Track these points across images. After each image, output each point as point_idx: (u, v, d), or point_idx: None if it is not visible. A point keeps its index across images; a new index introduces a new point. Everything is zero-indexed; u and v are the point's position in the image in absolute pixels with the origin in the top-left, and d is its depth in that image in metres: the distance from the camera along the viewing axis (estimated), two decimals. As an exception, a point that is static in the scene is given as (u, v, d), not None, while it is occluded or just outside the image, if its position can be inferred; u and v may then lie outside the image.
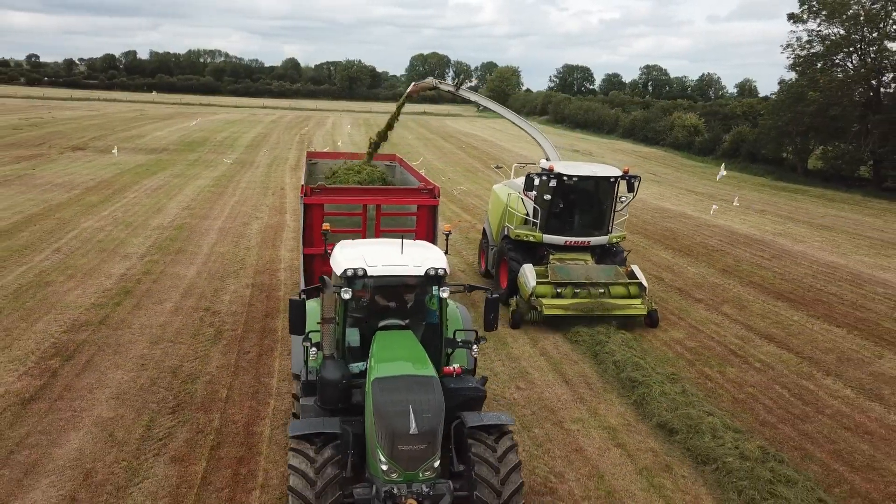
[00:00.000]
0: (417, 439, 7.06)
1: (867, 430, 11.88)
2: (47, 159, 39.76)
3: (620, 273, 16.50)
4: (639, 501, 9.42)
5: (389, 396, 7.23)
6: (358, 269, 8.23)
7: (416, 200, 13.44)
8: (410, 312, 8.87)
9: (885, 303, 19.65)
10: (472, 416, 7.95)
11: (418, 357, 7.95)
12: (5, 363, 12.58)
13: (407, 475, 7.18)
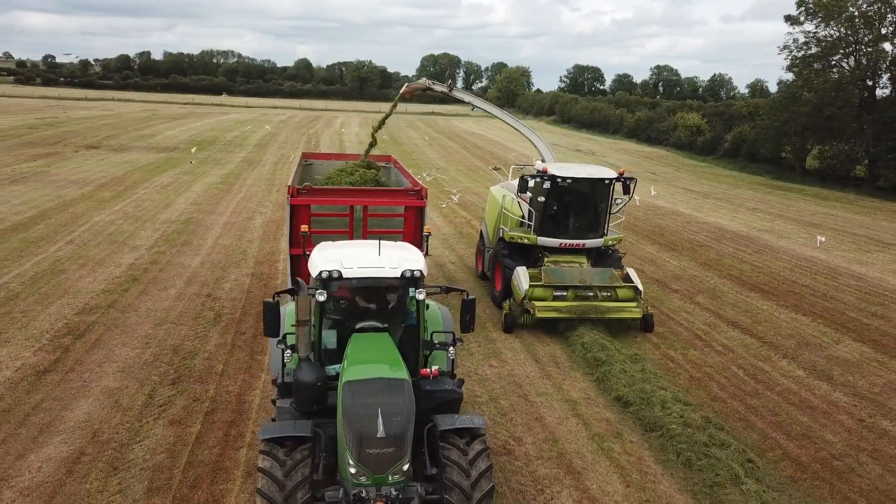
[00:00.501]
0: (385, 442, 7.07)
1: (810, 406, 12.88)
2: (62, 157, 41.17)
3: (615, 276, 16.26)
4: (587, 461, 10.48)
5: (359, 399, 7.24)
6: (333, 271, 8.22)
7: (404, 202, 13.33)
8: (389, 314, 8.87)
9: (855, 294, 20.57)
10: (445, 419, 7.91)
11: (391, 360, 7.93)
12: (23, 340, 13.79)
13: (375, 478, 7.20)
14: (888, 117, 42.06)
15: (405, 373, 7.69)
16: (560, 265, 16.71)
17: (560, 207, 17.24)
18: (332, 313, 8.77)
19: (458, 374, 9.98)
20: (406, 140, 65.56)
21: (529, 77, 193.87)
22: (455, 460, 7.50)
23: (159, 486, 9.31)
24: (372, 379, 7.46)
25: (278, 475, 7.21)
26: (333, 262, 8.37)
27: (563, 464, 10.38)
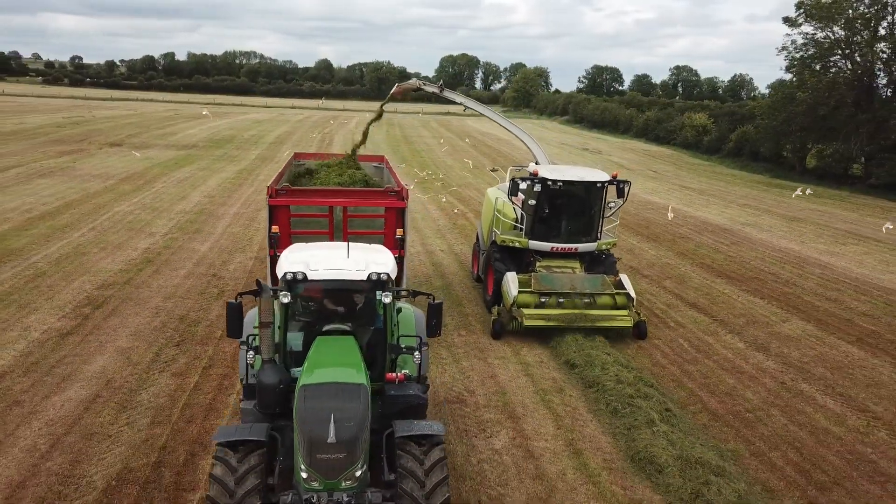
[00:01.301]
0: (336, 448, 7.01)
1: (740, 371, 14.42)
2: (87, 154, 43.46)
3: (607, 283, 15.91)
4: (528, 410, 12.15)
5: (312, 404, 7.19)
6: (297, 272, 8.17)
7: (384, 203, 13.17)
8: (357, 317, 8.81)
9: (815, 280, 21.98)
10: (403, 425, 7.81)
11: (351, 364, 7.84)
12: (49, 309, 15.72)
13: (327, 484, 7.13)
14: (882, 117, 43.09)
15: (364, 377, 7.61)
16: (552, 270, 16.43)
17: (552, 211, 16.94)
18: (301, 315, 8.76)
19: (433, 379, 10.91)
20: (417, 139, 67.35)
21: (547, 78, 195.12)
22: (410, 469, 7.40)
23: (160, 420, 11.13)
24: (328, 383, 7.40)
25: (229, 481, 7.15)
26: (299, 264, 8.34)
27: (507, 411, 12.06)
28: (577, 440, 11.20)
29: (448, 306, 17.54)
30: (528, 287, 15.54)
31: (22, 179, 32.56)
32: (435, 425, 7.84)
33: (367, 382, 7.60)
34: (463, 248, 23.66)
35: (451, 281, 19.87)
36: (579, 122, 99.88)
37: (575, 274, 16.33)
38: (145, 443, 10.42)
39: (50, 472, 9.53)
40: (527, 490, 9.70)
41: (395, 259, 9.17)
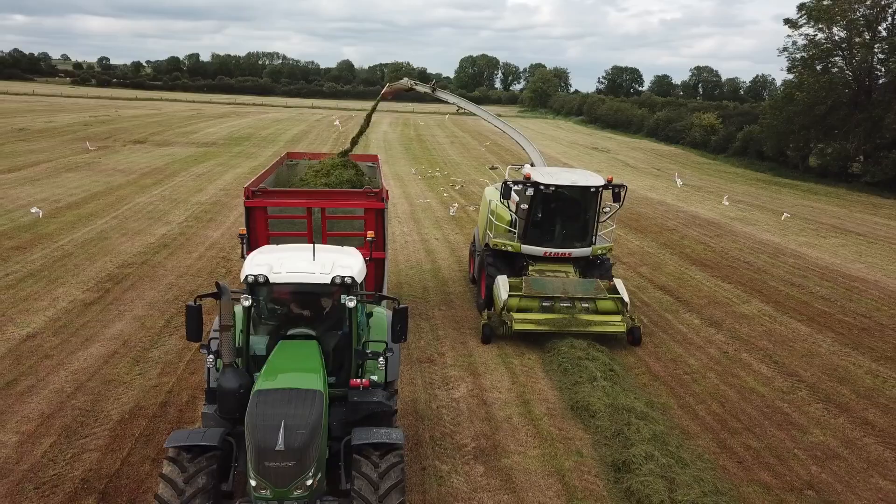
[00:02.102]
0: (284, 456, 6.86)
1: (690, 342, 15.95)
2: (112, 150, 45.75)
3: (601, 287, 15.56)
4: (489, 368, 13.80)
5: (263, 409, 7.05)
6: (259, 275, 8.02)
7: (363, 204, 12.85)
8: (324, 321, 8.62)
9: (785, 268, 23.36)
10: (361, 433, 7.68)
11: (310, 369, 7.71)
12: (74, 283, 17.65)
13: (277, 492, 6.98)
14: (877, 116, 44.10)
15: (320, 383, 7.47)
16: (545, 274, 16.21)
17: (545, 215, 16.70)
18: (267, 319, 8.67)
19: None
20: (430, 137, 69.12)
21: (567, 78, 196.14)
22: (365, 472, 7.28)
23: (168, 371, 12.95)
24: (281, 389, 7.27)
25: (178, 482, 7.06)
26: (262, 267, 8.20)
27: (470, 369, 13.73)
28: (527, 393, 12.84)
29: (435, 284, 19.26)
30: (518, 291, 15.22)
31: (51, 173, 34.78)
32: (394, 433, 7.68)
33: (324, 388, 7.47)
34: (457, 238, 25.32)
35: (440, 265, 21.57)
36: (594, 122, 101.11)
37: (568, 278, 16.08)
38: (154, 388, 12.23)
39: (74, 407, 11.37)
40: (475, 429, 11.36)
41: (364, 261, 9.08)
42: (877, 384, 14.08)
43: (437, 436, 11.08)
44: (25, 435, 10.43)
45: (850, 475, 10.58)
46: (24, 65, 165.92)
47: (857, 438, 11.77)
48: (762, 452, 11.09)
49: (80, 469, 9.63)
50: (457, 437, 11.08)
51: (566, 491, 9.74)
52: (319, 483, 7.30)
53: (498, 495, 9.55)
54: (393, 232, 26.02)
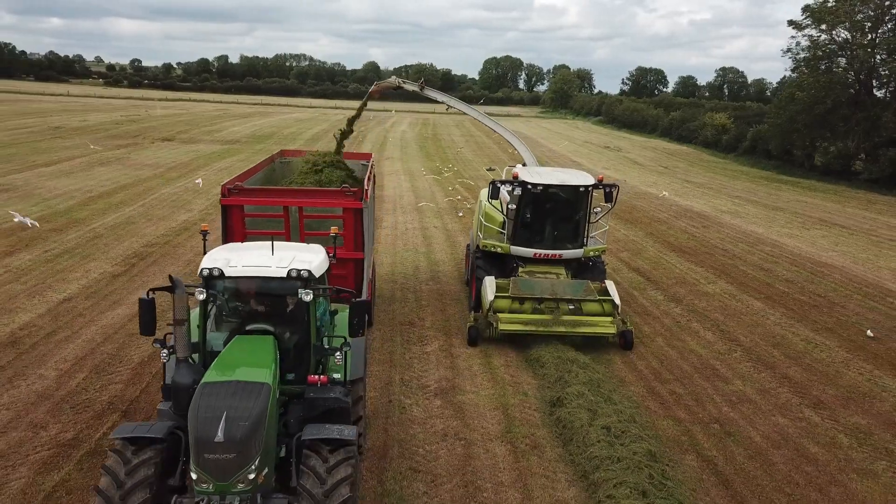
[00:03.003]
0: (224, 448, 6.77)
1: (647, 313, 17.72)
2: (141, 147, 48.41)
3: (590, 289, 15.20)
4: (461, 330, 15.65)
5: (207, 401, 7.02)
6: (214, 269, 8.05)
7: (341, 203, 12.66)
8: (284, 318, 8.53)
9: (759, 255, 24.95)
10: (312, 429, 7.59)
11: (260, 363, 7.70)
12: (104, 259, 19.91)
13: (218, 486, 6.88)
14: (875, 115, 45.22)
15: (269, 377, 7.44)
16: (535, 276, 15.97)
17: (535, 216, 16.45)
18: (229, 315, 8.61)
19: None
20: (446, 136, 71.16)
21: (591, 79, 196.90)
22: (312, 466, 7.18)
23: (182, 328, 15.08)
24: (227, 382, 7.25)
25: (120, 474, 6.97)
26: (219, 261, 8.23)
27: (444, 330, 15.67)
28: (490, 349, 14.73)
29: (426, 264, 21.25)
30: (505, 292, 14.95)
31: (84, 167, 37.36)
32: (346, 430, 7.56)
33: (273, 383, 7.44)
34: (454, 226, 27.27)
35: (434, 248, 23.56)
36: (611, 123, 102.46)
37: (557, 279, 15.85)
38: (170, 340, 14.36)
39: (102, 353, 13.53)
40: (439, 375, 13.30)
41: (327, 258, 9.15)
42: (808, 349, 15.77)
43: (405, 378, 13.06)
44: (63, 371, 12.60)
45: (756, 415, 12.35)
46: (60, 67, 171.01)
47: (772, 388, 13.52)
48: (684, 397, 12.89)
49: (106, 395, 11.77)
50: (422, 380, 13.03)
51: (507, 420, 11.65)
52: (266, 478, 7.19)
53: (448, 421, 11.48)
54: (396, 220, 28.10)
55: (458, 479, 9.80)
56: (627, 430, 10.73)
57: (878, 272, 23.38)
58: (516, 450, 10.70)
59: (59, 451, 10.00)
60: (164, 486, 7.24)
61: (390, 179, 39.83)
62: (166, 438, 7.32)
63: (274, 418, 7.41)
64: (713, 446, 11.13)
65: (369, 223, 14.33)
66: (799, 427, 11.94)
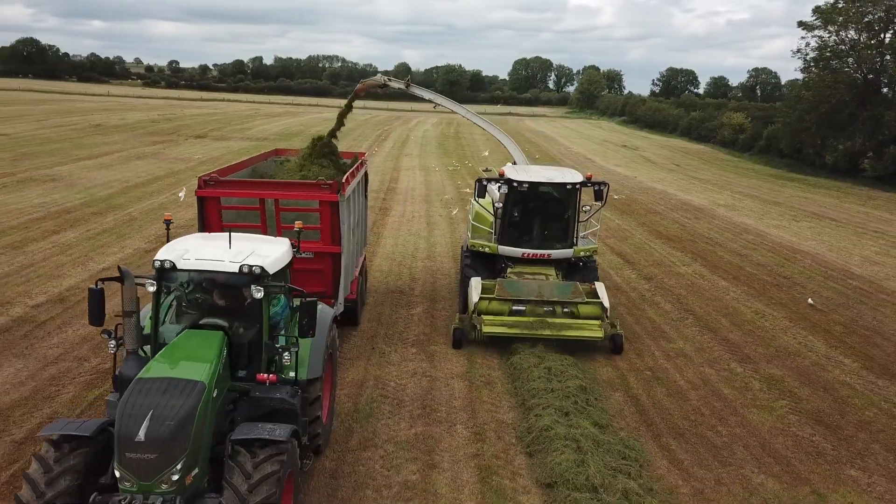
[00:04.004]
0: (146, 447, 6.71)
1: (618, 288, 19.66)
2: (174, 144, 51.42)
3: (579, 291, 14.82)
4: (446, 297, 17.83)
5: (135, 399, 6.98)
6: (165, 261, 8.00)
7: (317, 196, 12.43)
8: (241, 313, 8.45)
9: (741, 243, 26.69)
10: (244, 428, 7.51)
11: (200, 359, 7.60)
12: (139, 237, 22.50)
13: (141, 485, 6.82)
14: (878, 114, 46.33)
15: (205, 375, 7.36)
16: (524, 277, 15.65)
17: (523, 215, 16.31)
18: (188, 308, 8.58)
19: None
20: (467, 135, 73.24)
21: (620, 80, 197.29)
22: (239, 462, 7.12)
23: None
24: (160, 378, 7.22)
25: (47, 469, 6.93)
26: (174, 253, 8.20)
27: (431, 297, 17.84)
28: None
29: (425, 246, 23.46)
30: (491, 293, 14.71)
31: (122, 161, 40.30)
32: (279, 430, 7.43)
33: (210, 380, 7.37)
34: (459, 214, 29.41)
35: (434, 233, 25.78)
36: (634, 123, 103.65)
37: (545, 281, 15.51)
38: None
39: (135, 309, 15.96)
40: (419, 331, 15.46)
41: (289, 252, 9.21)
42: (754, 318, 17.64)
43: (389, 333, 15.27)
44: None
45: (686, 366, 14.31)
46: (100, 68, 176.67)
47: (709, 347, 15.46)
48: (628, 352, 14.83)
49: (137, 339, 14.17)
50: (403, 335, 15.22)
51: (469, 364, 13.78)
52: (196, 479, 7.16)
53: (419, 364, 13.66)
54: (405, 209, 30.37)
55: (419, 403, 11.98)
56: (566, 371, 12.81)
57: (849, 258, 24.99)
58: (472, 385, 12.84)
59: (98, 375, 12.41)
60: (96, 483, 7.13)
61: (406, 174, 42.14)
62: (95, 437, 7.17)
63: (209, 417, 7.34)
64: (640, 387, 13.14)
65: (355, 219, 14.41)
66: (720, 375, 13.90)
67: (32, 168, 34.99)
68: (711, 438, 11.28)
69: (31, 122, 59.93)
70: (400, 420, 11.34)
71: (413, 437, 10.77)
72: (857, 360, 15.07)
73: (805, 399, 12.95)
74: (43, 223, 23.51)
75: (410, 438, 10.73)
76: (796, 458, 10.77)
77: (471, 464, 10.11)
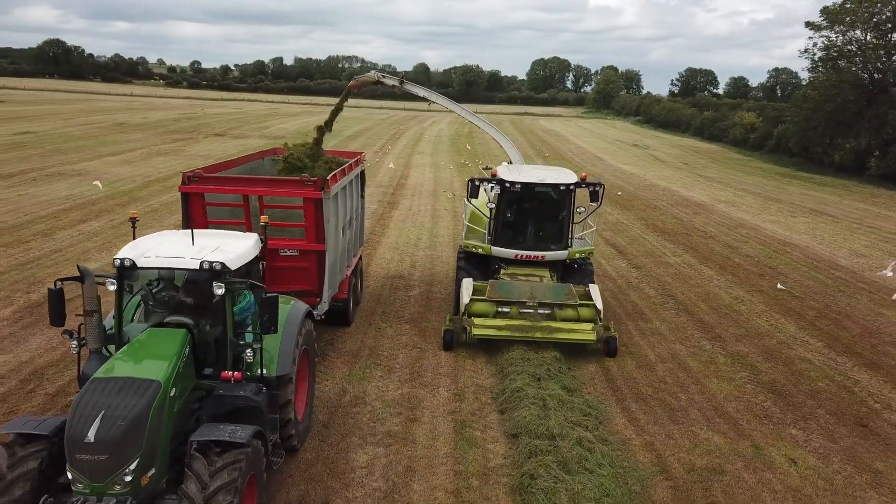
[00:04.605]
0: (95, 448, 6.63)
1: (606, 275, 20.80)
2: (194, 141, 53.16)
3: (572, 293, 14.58)
4: (443, 283, 19.08)
5: (88, 398, 6.92)
6: (125, 259, 7.94)
7: (301, 193, 12.28)
8: (205, 309, 8.39)
9: (733, 236, 27.68)
10: (205, 429, 7.43)
11: (159, 357, 7.54)
12: (159, 226, 23.77)
13: (93, 487, 6.76)
14: (883, 113, 46.95)
15: (162, 374, 7.30)
16: (517, 278, 15.44)
17: (517, 215, 16.23)
18: (155, 306, 8.51)
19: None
20: (479, 134, 74.35)
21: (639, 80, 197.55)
22: (196, 470, 7.00)
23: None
24: (115, 378, 7.15)
25: (3, 467, 6.88)
26: (136, 250, 8.15)
27: (428, 282, 19.10)
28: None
29: (427, 236, 24.73)
30: (482, 295, 14.53)
31: (144, 157, 42.02)
32: (241, 431, 7.33)
33: (167, 379, 7.30)
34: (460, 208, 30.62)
35: (438, 224, 27.08)
36: (649, 122, 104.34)
37: (538, 283, 15.29)
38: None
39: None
40: (414, 309, 16.72)
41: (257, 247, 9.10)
42: (732, 303, 18.71)
43: (387, 311, 16.56)
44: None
45: (659, 342, 15.43)
46: (124, 69, 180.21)
47: (683, 327, 16.57)
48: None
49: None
50: (400, 314, 16.50)
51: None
52: (153, 480, 7.10)
53: (412, 338, 14.91)
54: (412, 203, 31.70)
55: (408, 370, 13.25)
56: (544, 345, 13.99)
57: (837, 251, 25.92)
58: (458, 356, 14.07)
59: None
60: (54, 483, 7.08)
61: (416, 171, 43.51)
62: (54, 435, 7.11)
63: (167, 416, 7.27)
64: (612, 360, 14.29)
65: (347, 218, 14.50)
66: (689, 351, 15.03)
67: (60, 163, 36.77)
68: (670, 402, 12.43)
69: (59, 120, 62.08)
70: (389, 383, 12.62)
71: (399, 397, 12.04)
72: (822, 341, 16.12)
73: (764, 372, 14.06)
74: (70, 213, 25.12)
75: (397, 398, 12.01)
76: (744, 420, 11.90)
77: (448, 419, 11.36)
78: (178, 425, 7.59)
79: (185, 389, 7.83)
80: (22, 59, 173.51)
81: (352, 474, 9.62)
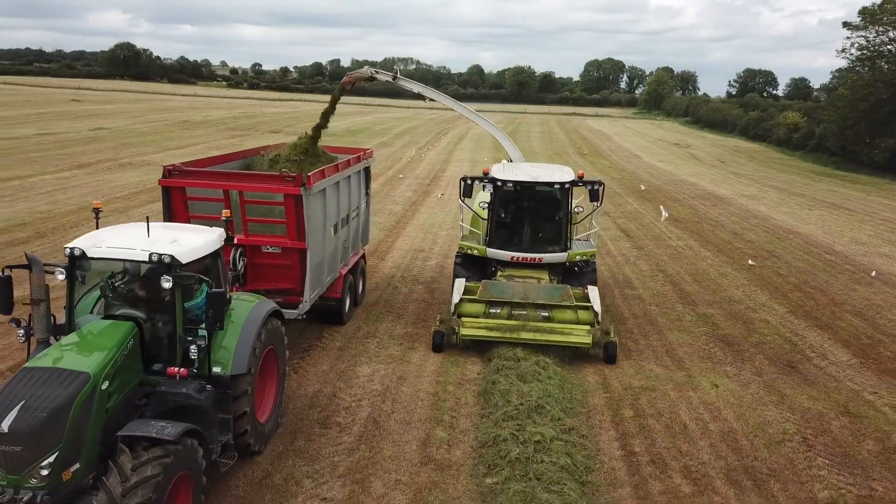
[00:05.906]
0: (9, 439, 6.50)
1: (609, 254, 23.06)
2: (252, 138, 56.93)
3: (569, 294, 14.06)
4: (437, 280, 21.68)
5: (12, 388, 6.83)
6: (75, 248, 7.90)
7: (281, 189, 11.97)
8: (156, 303, 8.28)
9: (742, 225, 29.49)
10: (133, 424, 7.31)
11: (96, 349, 7.43)
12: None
13: (10, 479, 6.64)
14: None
15: (94, 366, 7.20)
16: (513, 279, 15.06)
17: (513, 216, 15.88)
18: (114, 299, 8.51)
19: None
20: (524, 132, 76.82)
21: (695, 81, 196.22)
22: (119, 462, 6.88)
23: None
24: (44, 368, 7.12)
25: None
26: (86, 241, 8.11)
27: (446, 255, 21.73)
28: (474, 267, 20.69)
29: (450, 220, 27.35)
30: (473, 295, 14.20)
31: (205, 151, 45.59)
32: (169, 428, 7.19)
33: (99, 372, 7.20)
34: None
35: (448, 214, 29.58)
36: (696, 123, 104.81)
37: (533, 283, 14.87)
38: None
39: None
40: (430, 275, 19.43)
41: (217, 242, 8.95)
42: (717, 278, 20.80)
43: (405, 275, 19.32)
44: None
45: (637, 304, 17.72)
46: (189, 70, 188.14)
47: (663, 294, 18.81)
48: (594, 294, 18.38)
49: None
50: (417, 277, 19.24)
51: (461, 297, 17.62)
52: (78, 475, 7.01)
53: (422, 295, 17.62)
54: (444, 192, 34.34)
55: (416, 316, 15.95)
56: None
57: (838, 239, 27.55)
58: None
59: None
60: None
61: (454, 165, 46.28)
62: None
63: (96, 410, 7.16)
64: (591, 315, 16.67)
65: (340, 215, 14.40)
66: (661, 311, 17.30)
67: (130, 155, 40.77)
68: (629, 346, 14.78)
69: (129, 118, 66.97)
70: (396, 325, 15.35)
71: (404, 334, 14.76)
72: (787, 308, 18.17)
73: (722, 328, 16.26)
74: (140, 196, 28.62)
75: (402, 334, 14.72)
76: (688, 359, 14.21)
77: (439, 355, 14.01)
78: (115, 421, 7.43)
79: (127, 384, 7.74)
80: (95, 62, 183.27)
81: (356, 380, 12.37)
